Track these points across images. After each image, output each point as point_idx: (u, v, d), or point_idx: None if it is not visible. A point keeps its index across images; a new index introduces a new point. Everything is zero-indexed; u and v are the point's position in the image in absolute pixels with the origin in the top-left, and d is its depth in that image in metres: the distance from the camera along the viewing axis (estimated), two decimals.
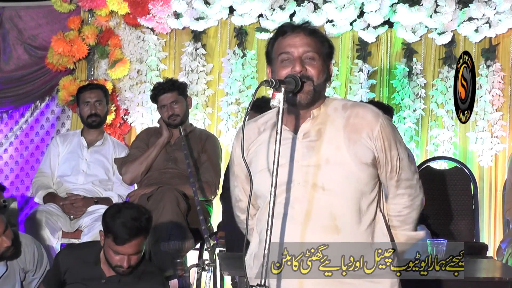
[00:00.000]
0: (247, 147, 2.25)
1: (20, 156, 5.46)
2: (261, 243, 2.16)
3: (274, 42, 2.23)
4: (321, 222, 2.13)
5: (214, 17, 5.20)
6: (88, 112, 4.63)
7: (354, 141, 2.17)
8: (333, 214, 2.14)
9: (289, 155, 2.16)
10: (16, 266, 3.48)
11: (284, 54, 2.17)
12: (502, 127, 5.20)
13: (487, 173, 5.18)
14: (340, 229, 2.14)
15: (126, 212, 3.16)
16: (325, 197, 2.14)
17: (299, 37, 2.19)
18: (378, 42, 5.26)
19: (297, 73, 2.14)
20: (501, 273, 3.54)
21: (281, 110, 2.05)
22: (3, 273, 3.41)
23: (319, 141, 2.17)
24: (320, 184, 2.14)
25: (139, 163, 4.36)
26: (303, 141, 2.18)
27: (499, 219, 5.06)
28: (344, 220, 2.15)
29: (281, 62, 2.18)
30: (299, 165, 2.16)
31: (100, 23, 5.29)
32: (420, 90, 5.22)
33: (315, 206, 2.13)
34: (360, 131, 2.18)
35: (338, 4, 5.02)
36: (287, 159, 2.15)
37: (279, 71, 2.17)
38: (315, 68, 2.17)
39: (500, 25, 5.09)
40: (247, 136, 2.22)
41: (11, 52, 5.39)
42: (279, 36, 2.22)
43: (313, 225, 2.13)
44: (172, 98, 4.35)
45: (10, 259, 3.43)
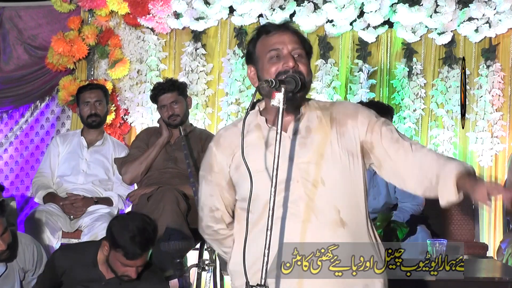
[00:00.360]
0: (231, 152, 2.24)
1: (20, 156, 5.46)
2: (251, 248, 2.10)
3: (257, 41, 2.23)
4: (326, 217, 2.14)
5: (214, 17, 5.20)
6: (88, 112, 4.63)
7: (341, 134, 2.20)
8: (337, 207, 2.15)
9: (283, 154, 2.15)
10: (15, 266, 3.47)
11: (273, 51, 2.17)
12: (502, 127, 5.19)
13: (487, 173, 5.18)
14: (345, 222, 2.15)
15: (133, 226, 3.12)
16: (327, 192, 2.15)
17: (287, 35, 2.20)
18: (378, 42, 5.26)
19: (290, 68, 2.14)
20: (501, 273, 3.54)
21: (281, 110, 2.05)
22: (3, 272, 3.41)
23: (309, 138, 2.19)
24: (320, 179, 2.15)
25: (139, 163, 4.36)
26: (294, 138, 2.18)
27: (499, 219, 5.06)
28: (347, 212, 2.16)
29: (269, 59, 2.17)
30: (295, 162, 2.15)
31: (100, 23, 5.29)
32: (420, 90, 5.22)
33: (318, 202, 2.14)
34: (345, 123, 2.22)
35: (338, 4, 5.02)
36: (280, 159, 2.12)
37: (268, 69, 2.17)
38: (304, 65, 2.19)
39: (500, 25, 5.09)
40: (229, 141, 2.23)
41: (11, 52, 5.39)
42: (261, 35, 2.22)
43: (317, 221, 2.13)
44: (172, 98, 4.35)
45: (6, 261, 3.42)
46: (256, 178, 2.10)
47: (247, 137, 2.20)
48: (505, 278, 3.29)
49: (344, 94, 5.24)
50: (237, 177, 2.23)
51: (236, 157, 2.22)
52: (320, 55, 5.24)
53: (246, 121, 2.22)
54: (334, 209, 2.15)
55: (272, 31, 2.21)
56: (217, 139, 2.29)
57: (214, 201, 2.31)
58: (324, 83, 5.19)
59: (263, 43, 2.21)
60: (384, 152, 2.21)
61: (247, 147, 2.16)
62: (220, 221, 2.31)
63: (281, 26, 2.23)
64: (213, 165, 2.28)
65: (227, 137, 2.26)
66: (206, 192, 2.32)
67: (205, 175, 2.32)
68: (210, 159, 2.30)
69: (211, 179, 2.29)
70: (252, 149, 2.19)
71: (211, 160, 2.29)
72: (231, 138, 2.25)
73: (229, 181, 2.26)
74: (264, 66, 2.19)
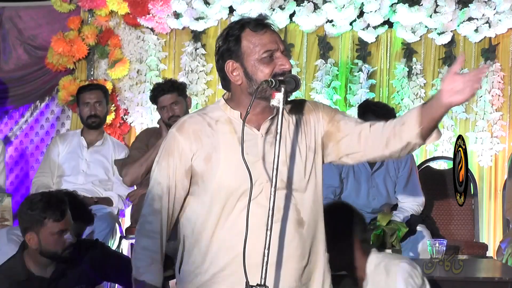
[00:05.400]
0: (197, 139, 2.17)
1: (19, 156, 5.46)
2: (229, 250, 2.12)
3: (240, 37, 2.16)
4: (287, 217, 2.14)
5: (214, 17, 5.20)
6: (87, 113, 4.63)
7: (305, 133, 2.22)
8: (298, 209, 2.16)
9: (255, 152, 2.15)
10: None
11: (268, 52, 2.14)
12: (502, 127, 5.19)
13: (487, 173, 5.18)
14: (304, 222, 2.17)
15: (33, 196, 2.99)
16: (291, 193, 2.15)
17: (275, 34, 2.19)
18: (378, 42, 5.26)
19: (287, 70, 2.13)
20: (501, 273, 3.54)
21: (281, 110, 2.05)
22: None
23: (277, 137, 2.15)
24: (286, 180, 2.15)
25: (139, 165, 4.35)
26: (266, 137, 2.17)
27: (499, 219, 5.06)
28: (307, 213, 2.18)
29: (262, 59, 2.14)
30: (266, 162, 2.13)
31: (100, 23, 5.29)
32: (419, 90, 5.22)
33: (281, 202, 2.13)
34: (309, 121, 2.24)
35: (338, 4, 5.03)
36: (253, 157, 2.13)
37: (263, 69, 2.13)
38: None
39: (500, 25, 5.09)
40: (194, 128, 2.18)
41: (11, 52, 5.39)
42: (244, 30, 2.16)
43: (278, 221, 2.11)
44: (171, 99, 4.34)
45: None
46: (225, 169, 2.11)
47: (217, 127, 2.18)
48: (505, 278, 3.29)
49: (343, 94, 5.24)
50: (205, 169, 2.15)
51: (207, 148, 2.15)
52: (320, 55, 5.24)
53: (213, 114, 2.20)
54: (296, 210, 2.16)
55: (260, 29, 2.16)
56: (181, 125, 2.21)
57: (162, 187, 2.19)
58: (323, 83, 5.19)
59: (251, 41, 2.15)
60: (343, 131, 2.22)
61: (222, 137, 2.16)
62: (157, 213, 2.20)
63: (267, 24, 2.18)
64: (173, 150, 2.19)
65: (192, 123, 2.19)
66: (157, 178, 2.21)
67: (160, 161, 2.21)
68: (171, 144, 2.20)
69: (166, 164, 2.20)
70: (224, 142, 2.16)
71: (172, 145, 2.19)
72: (197, 125, 2.18)
73: (189, 168, 2.18)
74: (255, 65, 2.14)
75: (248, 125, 2.15)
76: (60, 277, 2.99)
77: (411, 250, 4.06)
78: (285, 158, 2.16)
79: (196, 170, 2.17)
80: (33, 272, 2.97)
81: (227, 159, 2.13)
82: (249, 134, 2.14)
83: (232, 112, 2.20)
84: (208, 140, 2.16)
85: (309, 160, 2.21)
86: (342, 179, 4.32)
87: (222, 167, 2.14)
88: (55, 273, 2.99)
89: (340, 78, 5.25)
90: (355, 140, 2.21)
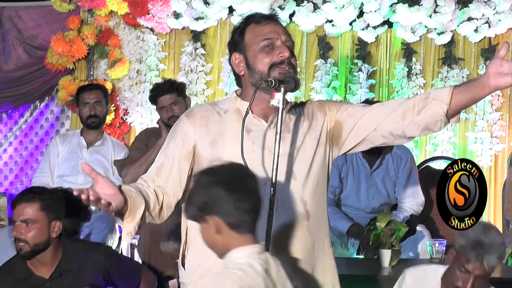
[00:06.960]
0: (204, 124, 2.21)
1: (19, 156, 5.46)
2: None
3: (245, 30, 2.22)
4: (292, 209, 2.15)
5: (213, 17, 5.20)
6: (87, 113, 4.63)
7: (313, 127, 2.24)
8: (304, 200, 2.17)
9: (261, 143, 2.17)
10: None
11: (267, 40, 2.17)
12: (502, 127, 5.19)
13: (486, 173, 5.17)
14: (310, 214, 2.18)
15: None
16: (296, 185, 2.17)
17: (278, 26, 2.22)
18: (378, 42, 5.26)
19: (285, 58, 2.15)
20: (501, 273, 3.53)
21: (281, 109, 2.05)
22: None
23: (286, 131, 2.19)
24: (292, 172, 2.16)
25: (139, 165, 4.35)
26: (273, 129, 2.17)
27: (499, 219, 5.06)
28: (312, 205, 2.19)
29: (262, 48, 2.17)
30: (271, 153, 2.13)
31: (100, 23, 5.29)
32: (419, 90, 5.22)
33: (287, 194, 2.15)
34: (316, 115, 2.26)
35: (337, 4, 5.02)
36: (258, 146, 2.16)
37: (261, 58, 2.17)
38: (294, 59, 2.21)
39: (499, 25, 5.09)
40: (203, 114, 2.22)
41: (10, 52, 5.39)
42: (249, 23, 2.22)
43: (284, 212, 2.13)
44: (171, 99, 4.34)
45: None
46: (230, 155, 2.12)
47: (225, 116, 2.22)
48: (505, 278, 3.29)
49: (343, 94, 5.24)
50: (210, 154, 2.18)
51: (213, 134, 2.19)
52: (320, 55, 5.24)
53: (224, 105, 2.25)
54: (302, 202, 2.17)
55: (263, 21, 2.21)
56: (190, 110, 2.29)
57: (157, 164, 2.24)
58: (323, 83, 5.19)
59: (253, 32, 2.20)
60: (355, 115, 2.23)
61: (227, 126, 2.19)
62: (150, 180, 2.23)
63: (271, 17, 2.23)
64: (177, 133, 2.24)
65: (201, 110, 2.25)
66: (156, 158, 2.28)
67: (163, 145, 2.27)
68: (176, 127, 2.26)
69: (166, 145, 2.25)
70: (231, 129, 2.19)
71: (176, 129, 2.25)
72: (206, 112, 2.24)
73: (190, 152, 2.21)
74: (255, 55, 2.18)
75: (256, 116, 2.19)
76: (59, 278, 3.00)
77: (411, 250, 4.06)
78: (292, 150, 2.18)
79: (201, 154, 2.21)
80: (34, 271, 3.00)
81: (233, 145, 2.15)
82: (256, 124, 2.19)
83: (242, 103, 2.24)
84: (215, 127, 2.21)
85: (318, 154, 2.22)
86: (341, 179, 4.32)
87: (228, 152, 2.16)
88: (55, 273, 3.00)
89: (340, 78, 5.25)
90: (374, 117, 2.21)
